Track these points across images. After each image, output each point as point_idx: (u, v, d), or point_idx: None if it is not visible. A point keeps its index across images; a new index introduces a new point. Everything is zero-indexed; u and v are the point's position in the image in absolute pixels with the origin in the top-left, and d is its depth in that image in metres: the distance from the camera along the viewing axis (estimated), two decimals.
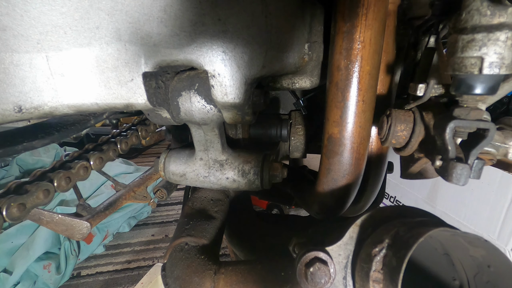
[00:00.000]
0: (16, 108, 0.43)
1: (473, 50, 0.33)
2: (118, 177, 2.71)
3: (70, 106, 0.47)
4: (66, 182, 0.60)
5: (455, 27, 0.36)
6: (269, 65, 0.49)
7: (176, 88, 0.51)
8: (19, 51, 0.41)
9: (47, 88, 0.45)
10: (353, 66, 0.49)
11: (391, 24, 0.58)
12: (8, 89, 0.42)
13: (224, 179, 0.67)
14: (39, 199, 0.53)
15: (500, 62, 0.32)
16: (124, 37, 0.44)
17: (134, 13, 0.43)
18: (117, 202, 0.87)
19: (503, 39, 0.32)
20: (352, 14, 0.46)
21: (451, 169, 0.37)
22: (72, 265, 2.15)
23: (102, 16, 0.42)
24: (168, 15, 0.42)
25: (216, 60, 0.44)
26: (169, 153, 0.73)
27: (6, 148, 0.47)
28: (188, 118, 0.55)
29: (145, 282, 1.49)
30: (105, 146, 0.73)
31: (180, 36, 0.43)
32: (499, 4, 0.31)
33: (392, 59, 0.60)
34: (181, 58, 0.46)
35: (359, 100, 0.50)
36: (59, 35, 0.42)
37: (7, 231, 2.03)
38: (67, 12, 0.41)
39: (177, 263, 0.60)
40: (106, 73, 0.46)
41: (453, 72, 0.37)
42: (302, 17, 0.53)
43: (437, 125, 0.40)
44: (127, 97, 0.48)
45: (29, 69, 0.43)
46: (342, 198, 0.60)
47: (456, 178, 0.36)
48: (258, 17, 0.44)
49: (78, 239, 0.73)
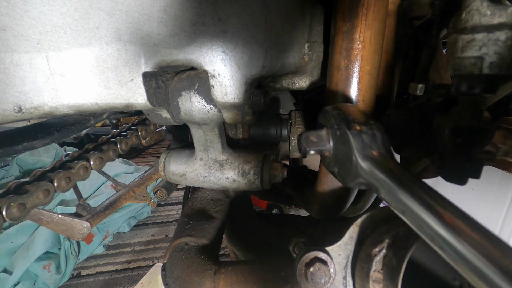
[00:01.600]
0: (16, 108, 0.43)
1: (473, 50, 0.33)
2: (118, 177, 2.71)
3: (70, 106, 0.47)
4: (66, 182, 0.60)
5: (455, 27, 0.36)
6: (269, 65, 0.49)
7: (176, 88, 0.51)
8: (19, 51, 0.41)
9: (47, 88, 0.45)
10: (353, 66, 0.49)
11: (391, 24, 0.58)
12: (8, 89, 0.42)
13: (224, 179, 0.67)
14: (39, 199, 0.53)
15: (500, 62, 0.32)
16: (124, 37, 0.44)
17: (134, 13, 0.42)
18: (117, 202, 0.87)
19: (503, 39, 0.32)
20: (352, 14, 0.46)
21: (451, 169, 0.37)
22: (72, 265, 2.16)
23: (102, 16, 0.42)
24: (168, 15, 0.42)
25: (216, 60, 0.44)
26: (169, 153, 0.72)
27: (6, 148, 0.47)
28: (188, 118, 0.55)
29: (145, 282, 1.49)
30: (105, 146, 0.73)
31: (180, 36, 0.43)
32: (499, 4, 0.31)
33: (391, 59, 0.60)
34: (181, 58, 0.46)
35: (359, 100, 0.50)
36: (59, 35, 0.42)
37: (7, 231, 2.03)
38: (67, 12, 0.41)
39: (177, 263, 0.60)
40: (106, 73, 0.46)
41: (453, 72, 0.37)
42: (302, 17, 0.53)
43: (437, 125, 0.40)
44: (127, 97, 0.48)
45: (29, 69, 0.43)
46: (342, 198, 0.60)
47: (456, 178, 0.36)
48: (258, 17, 0.44)
49: (78, 239, 0.73)
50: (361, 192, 0.73)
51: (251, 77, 0.47)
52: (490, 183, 1.43)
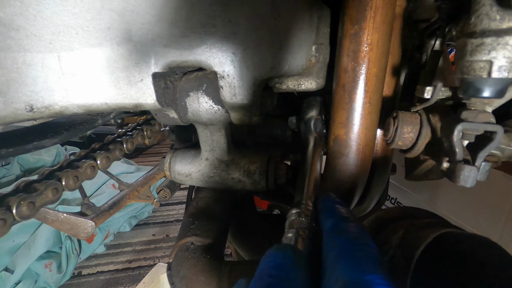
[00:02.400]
0: (28, 107, 0.43)
1: (482, 54, 0.34)
2: (120, 176, 2.70)
3: (80, 105, 0.48)
4: (74, 181, 0.60)
5: (463, 31, 0.37)
6: (277, 66, 0.49)
7: (184, 89, 0.51)
8: (32, 51, 0.42)
9: (58, 87, 0.45)
10: (360, 68, 0.49)
11: (397, 27, 0.58)
12: (20, 89, 0.42)
13: (229, 179, 0.67)
14: (48, 198, 0.54)
15: (509, 66, 0.32)
16: (135, 38, 0.44)
17: (145, 14, 0.43)
18: (121, 202, 0.87)
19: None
20: (360, 17, 0.47)
21: (458, 171, 0.37)
22: (73, 264, 2.16)
23: (114, 17, 0.43)
24: (179, 17, 0.42)
25: (226, 61, 0.45)
26: (175, 153, 0.73)
27: (17, 147, 0.48)
28: (195, 118, 0.55)
29: (147, 281, 1.49)
30: (112, 145, 0.73)
31: (191, 38, 0.44)
32: (508, 9, 0.31)
33: (397, 62, 0.61)
34: (191, 59, 0.46)
35: (365, 102, 0.51)
36: (71, 35, 0.43)
37: None
38: (79, 12, 0.42)
39: (183, 263, 0.60)
40: (116, 73, 0.47)
41: (462, 75, 0.37)
42: (310, 19, 0.53)
43: (445, 127, 0.40)
44: (137, 97, 0.49)
45: (41, 69, 0.43)
46: (347, 199, 0.60)
47: (464, 180, 0.37)
48: (268, 19, 0.45)
49: (83, 238, 0.74)
50: (365, 193, 0.73)
51: (260, 79, 0.48)
52: (492, 185, 1.43)
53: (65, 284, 2.10)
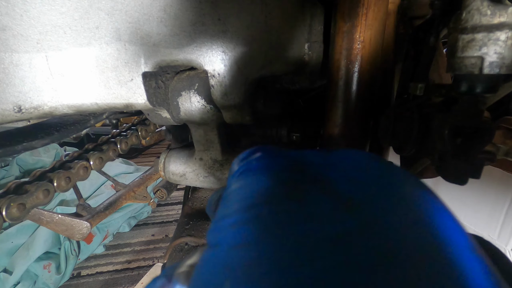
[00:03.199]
0: (16, 108, 0.43)
1: (473, 50, 0.33)
2: (118, 177, 2.71)
3: (70, 106, 0.47)
4: (66, 182, 0.60)
5: (455, 27, 0.36)
6: (269, 65, 0.49)
7: (176, 88, 0.51)
8: (19, 51, 0.41)
9: (47, 88, 0.45)
10: (353, 66, 0.49)
11: (390, 24, 0.57)
12: (7, 89, 0.42)
13: (224, 179, 0.67)
14: (38, 199, 0.53)
15: (500, 62, 0.32)
16: (124, 37, 0.44)
17: (134, 13, 0.42)
18: (117, 202, 0.87)
19: (503, 38, 0.32)
20: (352, 14, 0.46)
21: (451, 169, 0.37)
22: (72, 265, 2.15)
23: (102, 16, 0.42)
24: (168, 15, 0.42)
25: (216, 60, 0.44)
26: (169, 153, 0.73)
27: (6, 148, 0.47)
28: (188, 118, 0.55)
29: (145, 282, 1.49)
30: (105, 146, 0.73)
31: (180, 36, 0.43)
32: (499, 4, 0.31)
33: (391, 59, 0.60)
34: (181, 58, 0.46)
35: (359, 100, 0.50)
36: (59, 35, 0.42)
37: (7, 231, 2.03)
38: (67, 12, 0.41)
39: None
40: (106, 73, 0.46)
41: (453, 72, 0.37)
42: (302, 17, 0.53)
43: (438, 125, 0.40)
44: (127, 97, 0.48)
45: (29, 69, 0.43)
46: None
47: (457, 178, 0.36)
48: (258, 17, 0.44)
49: (78, 239, 0.73)
50: None
51: (251, 77, 0.47)
52: (490, 183, 1.43)
53: (64, 285, 2.10)
